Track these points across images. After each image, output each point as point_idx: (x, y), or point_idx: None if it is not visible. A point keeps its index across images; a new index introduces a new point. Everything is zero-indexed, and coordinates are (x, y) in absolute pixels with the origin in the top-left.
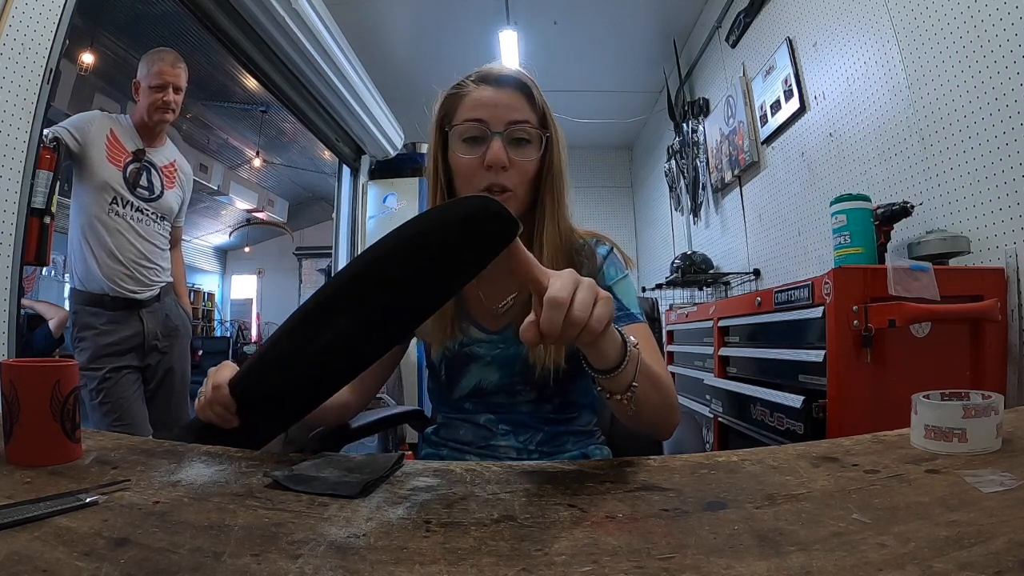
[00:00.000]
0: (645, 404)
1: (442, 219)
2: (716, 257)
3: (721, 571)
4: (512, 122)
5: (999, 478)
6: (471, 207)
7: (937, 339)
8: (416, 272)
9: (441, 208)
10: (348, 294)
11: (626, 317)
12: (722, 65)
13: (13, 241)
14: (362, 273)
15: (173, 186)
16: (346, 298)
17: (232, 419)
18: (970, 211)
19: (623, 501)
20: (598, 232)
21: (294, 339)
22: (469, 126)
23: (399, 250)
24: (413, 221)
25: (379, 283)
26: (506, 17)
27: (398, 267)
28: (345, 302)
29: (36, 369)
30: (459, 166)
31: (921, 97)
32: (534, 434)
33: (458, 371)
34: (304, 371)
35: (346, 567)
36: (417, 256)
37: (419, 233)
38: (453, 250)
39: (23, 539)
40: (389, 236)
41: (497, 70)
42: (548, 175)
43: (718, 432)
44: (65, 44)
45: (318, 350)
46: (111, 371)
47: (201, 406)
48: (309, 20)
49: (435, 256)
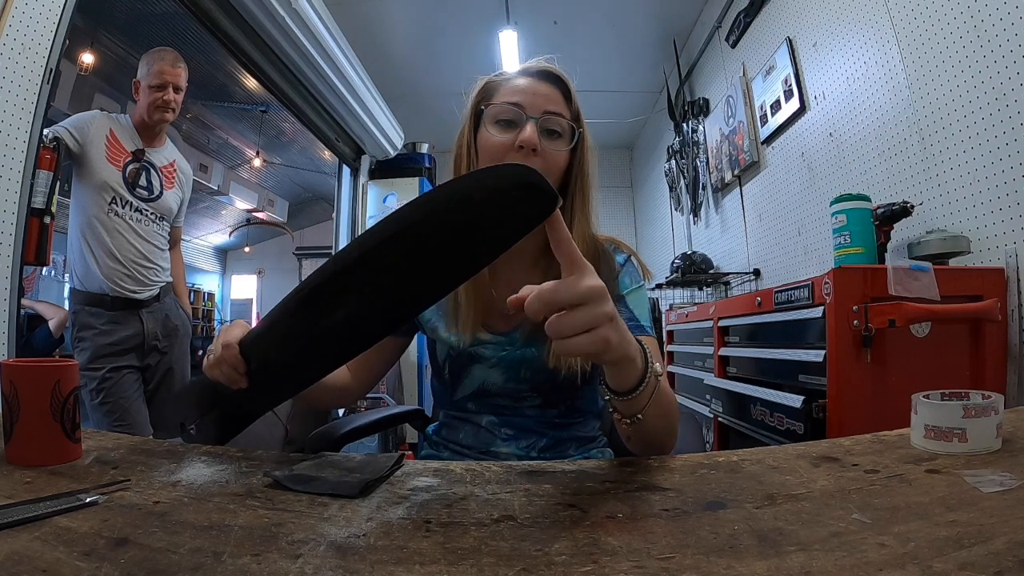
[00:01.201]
0: (646, 431)
1: (478, 186)
2: (716, 257)
3: (721, 571)
4: (548, 112)
5: (999, 478)
6: (510, 175)
7: (937, 339)
8: (446, 242)
9: (475, 176)
10: (375, 260)
11: (636, 329)
12: (722, 65)
13: (13, 241)
14: (393, 237)
15: (172, 186)
16: (372, 264)
17: (240, 379)
18: (970, 211)
19: (623, 501)
20: (617, 239)
21: (311, 306)
22: (505, 108)
23: (432, 215)
24: (444, 188)
25: (408, 250)
26: (506, 17)
27: (429, 235)
28: (370, 269)
29: (36, 369)
30: (489, 146)
31: (921, 97)
32: (537, 439)
33: (462, 371)
34: (316, 341)
35: (346, 567)
36: (449, 224)
37: (454, 200)
38: (490, 220)
39: (23, 539)
40: (419, 201)
41: (538, 65)
42: (578, 174)
43: (718, 432)
44: (65, 44)
45: (333, 322)
46: (111, 371)
47: (210, 365)
48: (309, 20)
49: (469, 224)
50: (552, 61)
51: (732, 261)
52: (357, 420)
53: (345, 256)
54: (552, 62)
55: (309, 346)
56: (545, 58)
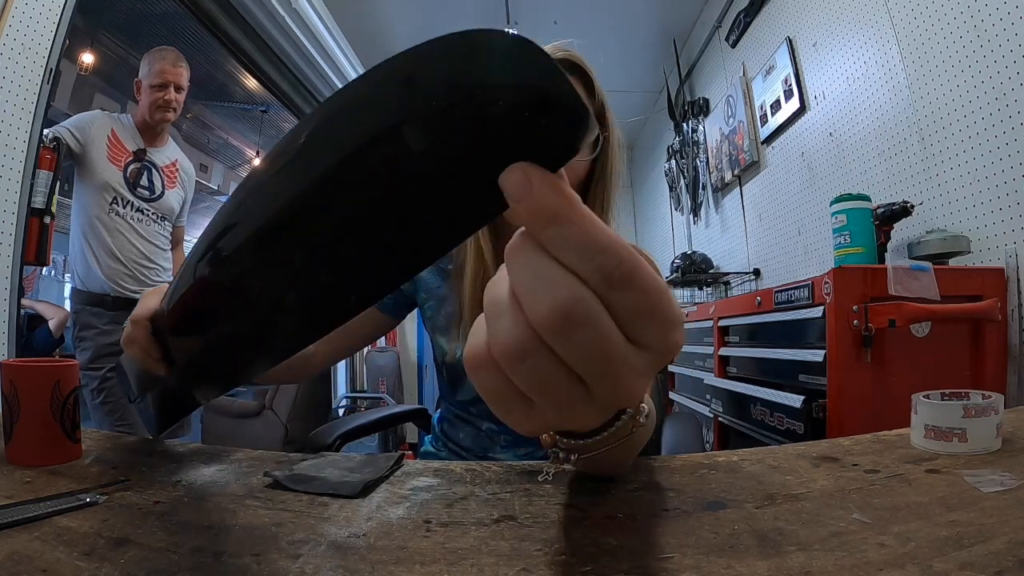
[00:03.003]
0: (583, 464)
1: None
2: (716, 257)
3: (721, 571)
4: None
5: (999, 478)
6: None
7: (937, 339)
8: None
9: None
10: (345, 182)
11: None
12: (722, 65)
13: (13, 241)
14: (365, 147)
15: (174, 186)
16: (342, 189)
17: (156, 366)
18: (970, 211)
19: (623, 501)
20: (633, 244)
21: (246, 255)
22: None
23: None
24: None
25: (391, 167)
26: (506, 17)
27: (423, 139)
28: (341, 194)
29: (36, 369)
30: None
31: (921, 97)
32: (535, 448)
33: (460, 379)
34: (261, 315)
35: (346, 567)
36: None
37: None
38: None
39: (23, 539)
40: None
41: (554, 52)
42: (599, 179)
43: (718, 432)
44: (65, 44)
45: (285, 279)
46: (112, 370)
47: (124, 341)
48: (309, 20)
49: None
50: (571, 47)
51: (732, 261)
52: (357, 420)
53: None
54: (571, 47)
55: (253, 320)
56: (564, 43)
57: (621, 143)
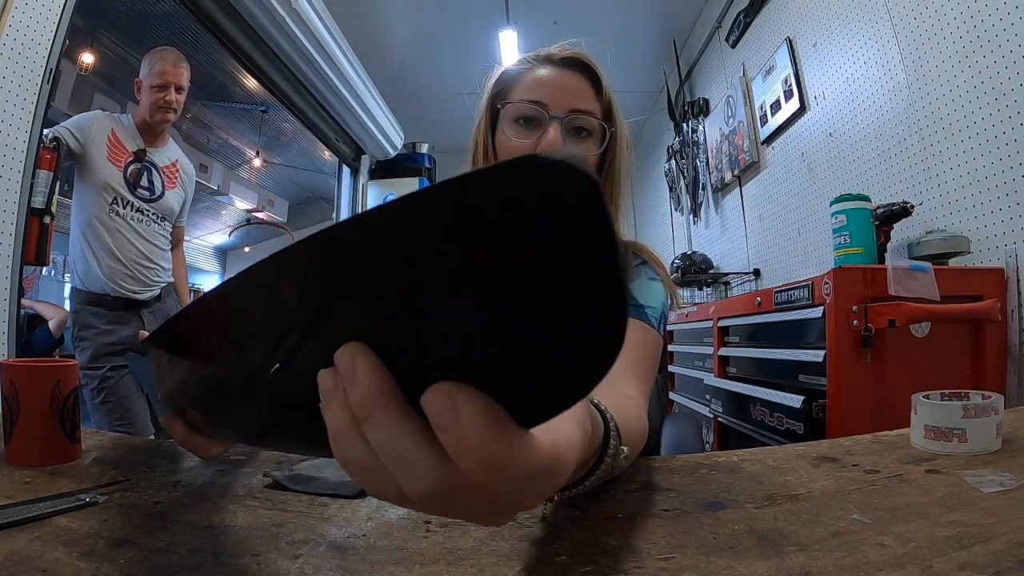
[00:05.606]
0: None
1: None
2: (716, 257)
3: (721, 571)
4: (574, 110)
5: (999, 478)
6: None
7: (937, 339)
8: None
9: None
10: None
11: (633, 310)
12: (722, 65)
13: (13, 241)
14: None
15: (174, 186)
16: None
17: (208, 448)
18: (970, 211)
19: (623, 501)
20: (638, 243)
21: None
22: (525, 107)
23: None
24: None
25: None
26: (506, 17)
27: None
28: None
29: (36, 369)
30: (507, 150)
31: (921, 97)
32: None
33: None
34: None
35: (346, 567)
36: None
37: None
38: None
39: (23, 539)
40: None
41: (563, 51)
42: (607, 177)
43: (718, 432)
44: (65, 44)
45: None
46: (112, 370)
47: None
48: (309, 20)
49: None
50: (578, 46)
51: (732, 261)
52: None
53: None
54: (579, 47)
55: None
56: (571, 43)
57: (629, 142)
